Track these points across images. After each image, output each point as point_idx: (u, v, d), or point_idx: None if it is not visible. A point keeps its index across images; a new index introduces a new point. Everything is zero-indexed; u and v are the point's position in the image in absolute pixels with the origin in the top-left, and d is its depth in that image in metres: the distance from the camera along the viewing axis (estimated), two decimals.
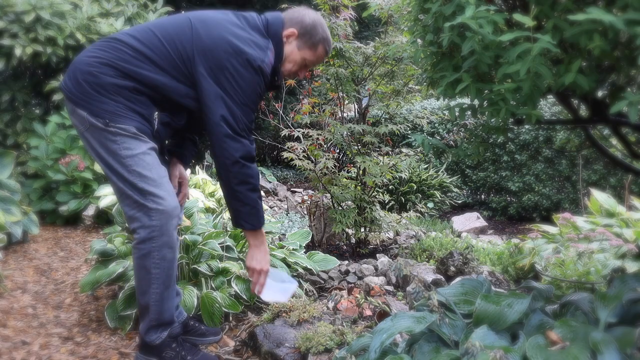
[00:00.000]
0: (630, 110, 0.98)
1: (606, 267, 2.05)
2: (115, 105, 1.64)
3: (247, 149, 1.68)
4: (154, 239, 1.64)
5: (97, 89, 1.64)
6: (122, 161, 1.65)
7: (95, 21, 4.62)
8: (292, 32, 1.81)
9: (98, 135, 1.66)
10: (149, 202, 1.63)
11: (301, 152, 3.28)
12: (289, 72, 1.88)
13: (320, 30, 1.84)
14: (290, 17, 1.84)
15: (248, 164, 1.69)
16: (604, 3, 1.16)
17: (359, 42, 3.08)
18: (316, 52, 1.85)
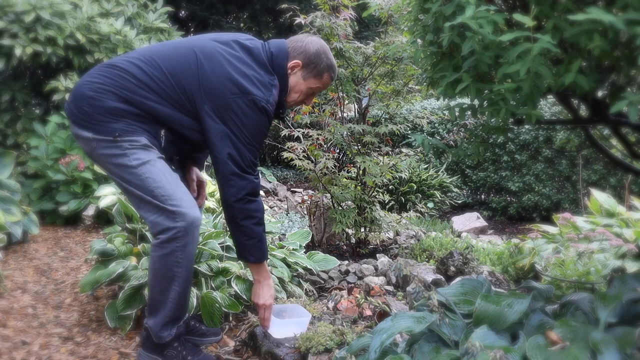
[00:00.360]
0: (630, 110, 0.98)
1: (606, 267, 2.05)
2: (122, 123, 1.66)
3: (252, 185, 1.72)
4: (178, 239, 1.65)
5: (101, 111, 1.65)
6: (134, 171, 1.65)
7: (95, 21, 4.62)
8: (297, 64, 1.81)
9: (107, 152, 1.67)
10: (169, 206, 1.64)
11: (301, 152, 3.28)
12: (295, 102, 1.90)
13: (324, 57, 1.84)
14: (293, 47, 1.83)
15: (253, 198, 1.72)
16: (604, 3, 1.16)
17: (359, 42, 3.08)
18: (322, 80, 1.86)
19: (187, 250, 1.68)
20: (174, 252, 1.66)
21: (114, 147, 1.65)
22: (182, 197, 1.67)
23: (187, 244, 1.67)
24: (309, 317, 1.90)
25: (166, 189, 1.65)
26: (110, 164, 1.68)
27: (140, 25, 5.21)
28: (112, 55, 4.63)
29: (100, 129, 1.65)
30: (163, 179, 1.66)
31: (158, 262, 1.69)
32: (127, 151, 1.65)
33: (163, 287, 1.73)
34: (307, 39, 1.86)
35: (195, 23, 8.25)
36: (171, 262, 1.68)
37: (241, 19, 8.84)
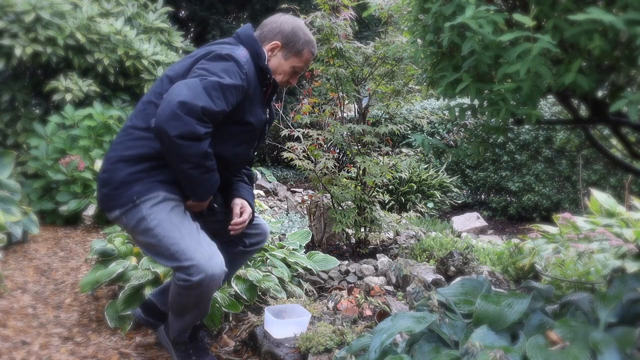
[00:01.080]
0: (630, 109, 0.98)
1: (606, 267, 2.05)
2: (138, 185, 1.66)
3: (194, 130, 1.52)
4: (194, 288, 1.61)
5: (116, 186, 1.67)
6: (153, 233, 1.64)
7: (95, 21, 4.63)
8: (276, 44, 1.81)
9: (134, 221, 1.66)
10: (184, 261, 1.60)
11: (301, 152, 3.28)
12: (281, 83, 1.88)
13: (301, 34, 1.83)
14: (269, 29, 1.83)
15: (194, 141, 1.55)
16: (604, 3, 1.16)
17: (359, 42, 3.08)
18: (302, 57, 1.85)
19: (204, 296, 1.67)
20: (190, 295, 1.65)
21: (137, 212, 1.66)
22: (196, 250, 1.62)
23: (203, 293, 1.64)
24: (308, 317, 1.90)
25: (180, 244, 1.62)
26: (139, 233, 1.68)
27: (140, 25, 5.21)
28: (112, 56, 4.64)
29: (121, 201, 1.67)
30: (177, 234, 1.63)
31: (176, 295, 1.68)
32: (146, 212, 1.64)
33: (180, 311, 1.74)
34: (281, 18, 1.85)
35: (195, 23, 8.25)
36: (187, 301, 1.69)
37: (241, 19, 8.84)
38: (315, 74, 3.34)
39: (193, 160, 1.57)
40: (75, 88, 4.46)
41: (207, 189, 1.69)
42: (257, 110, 1.78)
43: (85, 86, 4.53)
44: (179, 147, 1.53)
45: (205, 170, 1.62)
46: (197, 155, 1.56)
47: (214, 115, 1.56)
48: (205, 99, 1.54)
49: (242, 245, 1.97)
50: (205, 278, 1.58)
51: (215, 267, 1.61)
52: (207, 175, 1.64)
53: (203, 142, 1.56)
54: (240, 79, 1.64)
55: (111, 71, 4.70)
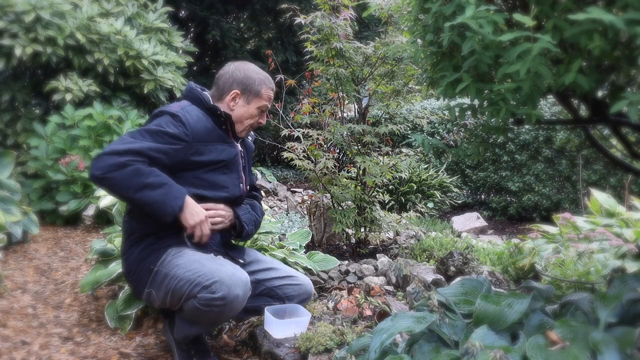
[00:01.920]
0: (631, 110, 0.98)
1: (606, 267, 2.05)
2: (150, 257, 1.76)
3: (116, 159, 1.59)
4: (216, 305, 1.62)
5: (133, 270, 1.80)
6: (175, 274, 1.69)
7: (95, 21, 4.63)
8: (236, 93, 1.90)
9: (161, 287, 1.73)
10: (205, 282, 1.61)
11: (301, 152, 3.28)
12: (251, 126, 1.96)
13: (255, 75, 1.92)
14: (223, 81, 1.92)
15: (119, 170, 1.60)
16: (604, 3, 1.16)
17: (359, 42, 3.08)
18: (263, 96, 1.93)
19: (223, 315, 1.68)
20: (210, 312, 1.64)
21: (158, 275, 1.73)
22: (218, 269, 1.65)
23: (223, 312, 1.64)
24: (308, 317, 1.90)
25: (201, 270, 1.65)
26: (164, 288, 1.72)
27: (140, 25, 5.21)
28: (112, 55, 4.64)
29: (143, 279, 1.77)
30: (197, 265, 1.68)
31: (194, 310, 1.67)
32: (167, 269, 1.71)
33: (193, 321, 1.75)
34: (231, 68, 1.94)
35: (195, 23, 8.25)
36: (204, 317, 1.69)
37: (241, 19, 8.84)
38: (315, 74, 3.34)
39: (131, 183, 1.60)
40: (75, 88, 4.46)
41: (171, 201, 1.66)
42: (219, 147, 1.85)
43: (85, 86, 4.53)
44: (110, 180, 1.59)
45: (151, 186, 1.62)
46: (130, 176, 1.59)
47: (139, 150, 1.63)
48: (129, 141, 1.64)
49: (276, 297, 2.00)
50: (229, 294, 1.59)
51: (238, 283, 1.63)
52: (158, 190, 1.63)
53: (130, 166, 1.59)
54: (176, 128, 1.72)
55: (111, 71, 4.70)
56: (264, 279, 1.97)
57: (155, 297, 1.77)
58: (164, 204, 1.63)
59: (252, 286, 1.88)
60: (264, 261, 2.06)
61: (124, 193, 1.62)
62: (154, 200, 1.62)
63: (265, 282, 1.97)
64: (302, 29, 3.07)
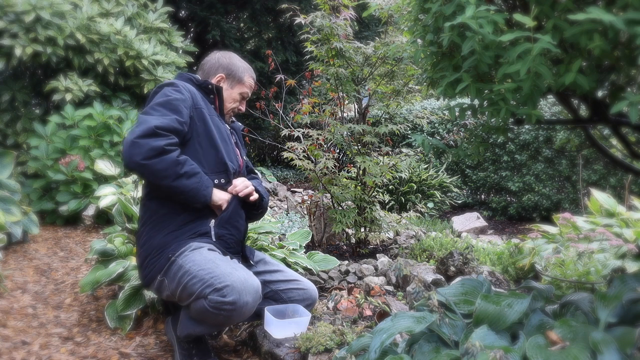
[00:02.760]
0: (631, 110, 0.98)
1: (606, 267, 2.05)
2: (172, 245, 1.78)
3: (152, 146, 1.64)
4: (226, 309, 1.62)
5: (149, 252, 1.81)
6: (188, 271, 1.69)
7: (95, 21, 4.62)
8: (221, 77, 2.01)
9: (173, 276, 1.73)
10: (217, 284, 1.62)
11: (301, 152, 3.28)
12: (233, 109, 2.05)
13: (239, 63, 2.04)
14: (209, 66, 2.03)
15: (158, 158, 1.65)
16: (604, 3, 1.16)
17: (359, 42, 3.08)
18: (245, 83, 2.04)
19: (231, 320, 1.68)
20: (218, 316, 1.64)
21: (174, 266, 1.74)
22: (231, 273, 1.66)
23: (232, 317, 1.65)
24: (308, 317, 1.90)
25: (215, 271, 1.66)
26: (176, 283, 1.72)
27: (140, 25, 5.21)
28: (112, 56, 4.64)
29: (159, 265, 1.78)
30: (212, 265, 1.69)
31: (203, 312, 1.67)
32: (182, 261, 1.73)
33: (199, 321, 1.74)
34: (217, 55, 2.05)
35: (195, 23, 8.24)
36: (212, 320, 1.69)
37: (241, 19, 8.83)
38: (315, 74, 3.34)
39: (169, 173, 1.67)
40: (75, 88, 4.46)
41: (204, 190, 1.76)
42: (216, 120, 1.93)
43: (85, 86, 4.53)
44: (150, 168, 1.63)
45: (187, 175, 1.71)
46: (170, 166, 1.66)
47: (168, 127, 1.69)
48: (151, 119, 1.68)
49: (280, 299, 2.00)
50: (239, 300, 1.60)
51: (249, 290, 1.63)
52: (192, 179, 1.73)
53: (169, 154, 1.66)
54: (180, 93, 1.80)
55: (111, 71, 4.70)
56: (270, 281, 1.97)
57: (167, 287, 1.77)
58: (198, 193, 1.74)
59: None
60: (270, 263, 2.07)
61: (160, 181, 1.68)
62: (190, 188, 1.71)
63: (270, 284, 1.97)
64: (302, 29, 3.07)
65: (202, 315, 1.67)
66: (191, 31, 8.52)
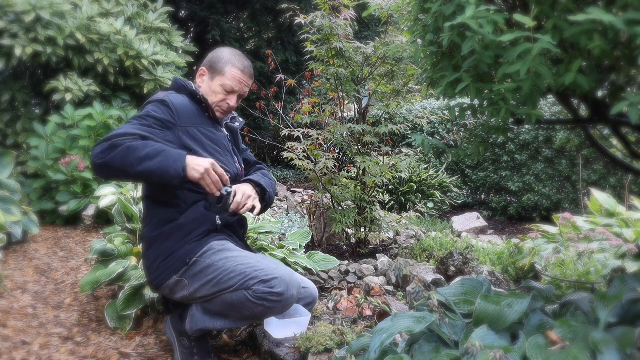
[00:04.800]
0: (631, 111, 0.98)
1: (606, 267, 2.05)
2: (187, 246, 1.77)
3: (113, 141, 1.63)
4: (270, 300, 1.63)
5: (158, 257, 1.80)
6: (221, 265, 1.70)
7: (95, 21, 4.62)
8: (202, 70, 1.98)
9: (200, 271, 1.74)
10: (264, 277, 1.64)
11: (301, 152, 3.28)
12: (218, 103, 1.96)
13: (222, 55, 1.96)
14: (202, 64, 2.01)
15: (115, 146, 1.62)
16: (604, 3, 1.16)
17: (359, 42, 3.08)
18: (227, 74, 1.93)
19: (266, 313, 1.70)
20: (255, 307, 1.65)
21: (197, 265, 1.74)
22: (278, 268, 1.69)
23: (272, 309, 1.66)
24: (308, 317, 1.89)
25: (260, 265, 1.68)
26: (206, 276, 1.72)
27: (140, 25, 5.21)
28: (112, 55, 4.64)
29: (173, 268, 1.77)
30: (252, 260, 1.71)
31: (237, 302, 1.68)
32: (210, 261, 1.73)
33: (221, 314, 1.76)
34: (212, 51, 2.02)
35: (195, 23, 8.25)
36: (243, 312, 1.70)
37: (241, 19, 8.84)
38: (315, 74, 3.34)
39: (129, 161, 1.60)
40: (75, 88, 4.46)
41: (173, 164, 1.63)
42: (208, 130, 1.90)
43: (85, 86, 4.53)
44: (109, 164, 1.61)
45: (149, 157, 1.61)
46: (126, 154, 1.61)
47: (126, 133, 1.66)
48: (109, 133, 1.70)
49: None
50: (287, 292, 1.63)
51: (295, 285, 1.68)
52: (157, 158, 1.62)
53: (121, 145, 1.62)
54: (161, 112, 1.78)
55: (111, 71, 4.70)
56: None
57: (186, 285, 1.76)
58: (167, 170, 1.61)
59: None
60: None
61: (127, 171, 1.61)
62: (156, 168, 1.60)
63: None
64: (302, 29, 3.07)
65: (234, 308, 1.68)
66: (191, 31, 8.53)
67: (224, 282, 1.66)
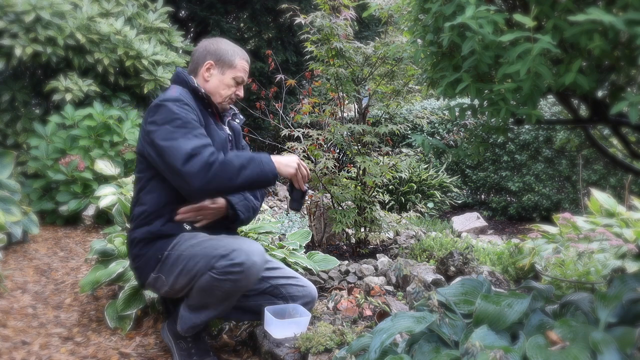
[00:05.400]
0: (631, 110, 0.98)
1: (606, 267, 2.05)
2: (158, 243, 1.78)
3: (203, 159, 1.63)
4: (234, 272, 1.63)
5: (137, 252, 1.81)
6: (190, 252, 1.71)
7: (95, 21, 4.62)
8: (210, 64, 1.91)
9: (172, 266, 1.74)
10: (224, 252, 1.64)
11: (301, 152, 3.28)
12: (229, 97, 1.95)
13: (228, 47, 1.94)
14: (197, 55, 1.95)
15: (215, 165, 1.64)
16: (604, 3, 1.16)
17: (359, 42, 3.08)
18: (237, 66, 1.93)
19: (236, 288, 1.68)
20: (224, 284, 1.65)
21: (169, 259, 1.74)
22: (235, 242, 1.69)
23: (239, 281, 1.65)
24: (308, 317, 1.89)
25: (218, 244, 1.69)
26: (177, 268, 1.73)
27: (140, 25, 5.21)
28: (112, 56, 4.64)
29: (150, 264, 1.78)
30: (214, 242, 1.71)
31: (206, 286, 1.68)
32: (179, 251, 1.73)
33: (201, 305, 1.75)
34: (204, 43, 1.97)
35: (195, 23, 8.25)
36: (216, 293, 1.69)
37: (241, 19, 8.83)
38: (315, 74, 3.34)
39: (229, 175, 1.63)
40: (75, 88, 4.46)
41: (267, 166, 1.70)
42: (211, 129, 1.86)
43: (85, 86, 4.53)
44: (213, 184, 1.62)
45: (244, 167, 1.66)
46: (223, 170, 1.63)
47: (199, 144, 1.65)
48: (181, 143, 1.63)
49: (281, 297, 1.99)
50: (247, 260, 1.61)
51: (256, 252, 1.65)
52: (252, 165, 1.67)
53: (215, 164, 1.62)
54: (187, 109, 1.74)
55: (111, 71, 4.70)
56: (269, 277, 1.97)
57: (164, 282, 1.77)
58: (265, 174, 1.69)
59: (257, 282, 1.90)
60: (269, 261, 2.06)
61: (231, 186, 1.66)
62: (256, 175, 1.66)
63: (269, 280, 1.97)
64: (302, 29, 3.07)
65: (206, 292, 1.67)
66: (191, 31, 8.52)
67: (192, 268, 1.67)
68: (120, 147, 4.34)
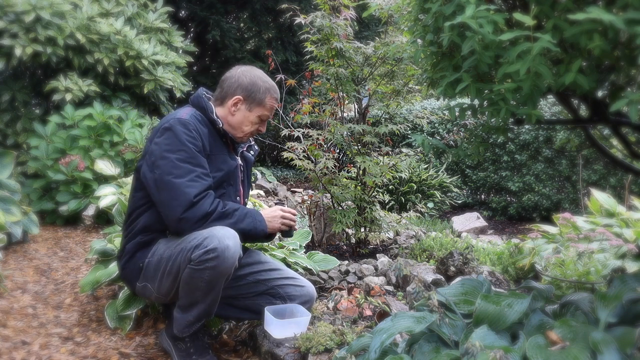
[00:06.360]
0: (631, 109, 0.98)
1: (606, 267, 2.05)
2: (139, 252, 1.85)
3: (200, 211, 1.69)
4: (210, 259, 1.64)
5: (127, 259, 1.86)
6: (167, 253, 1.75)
7: (95, 21, 4.62)
8: (238, 99, 1.87)
9: (154, 271, 1.79)
10: (196, 242, 1.66)
11: (301, 152, 3.28)
12: (250, 133, 1.94)
13: (261, 83, 1.89)
14: (228, 85, 1.90)
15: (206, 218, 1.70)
16: (604, 3, 1.16)
17: (359, 42, 3.08)
18: (266, 105, 1.91)
19: (217, 276, 1.68)
20: (203, 274, 1.66)
21: (150, 265, 1.79)
22: (207, 231, 1.69)
23: (217, 267, 1.65)
24: (308, 317, 1.89)
25: (189, 238, 1.70)
26: (160, 272, 1.76)
27: (140, 25, 5.21)
28: (112, 56, 4.64)
29: (134, 274, 1.84)
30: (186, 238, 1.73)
31: (189, 279, 1.69)
32: (157, 257, 1.77)
33: (190, 302, 1.76)
34: (238, 71, 1.91)
35: (195, 23, 8.24)
36: (199, 286, 1.70)
37: (241, 18, 8.83)
38: (315, 74, 3.34)
39: (224, 224, 1.70)
40: (75, 88, 4.46)
41: (258, 224, 1.80)
42: (220, 158, 1.86)
43: (85, 86, 4.53)
44: (203, 227, 1.68)
45: (239, 220, 1.75)
46: (220, 221, 1.70)
47: (202, 188, 1.71)
48: (184, 187, 1.67)
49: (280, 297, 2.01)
50: (220, 244, 1.61)
51: (228, 235, 1.66)
52: (246, 220, 1.77)
53: (215, 212, 1.71)
54: (194, 138, 1.75)
55: (111, 71, 4.70)
56: (267, 279, 1.98)
57: (151, 289, 1.81)
58: (256, 229, 1.80)
59: (254, 285, 1.95)
60: (267, 262, 2.06)
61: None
62: (248, 229, 1.77)
63: (267, 282, 1.97)
64: (302, 29, 3.07)
65: (190, 286, 1.68)
66: (191, 31, 8.52)
67: (172, 267, 1.70)
68: (120, 147, 4.34)
